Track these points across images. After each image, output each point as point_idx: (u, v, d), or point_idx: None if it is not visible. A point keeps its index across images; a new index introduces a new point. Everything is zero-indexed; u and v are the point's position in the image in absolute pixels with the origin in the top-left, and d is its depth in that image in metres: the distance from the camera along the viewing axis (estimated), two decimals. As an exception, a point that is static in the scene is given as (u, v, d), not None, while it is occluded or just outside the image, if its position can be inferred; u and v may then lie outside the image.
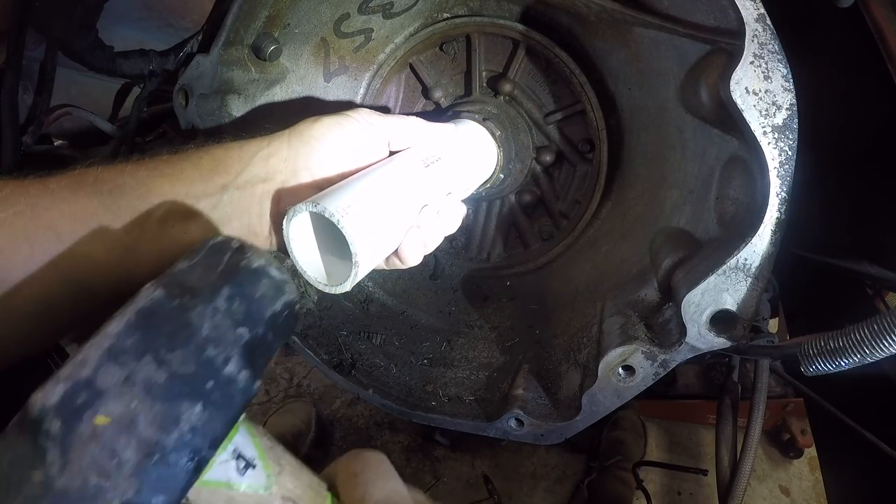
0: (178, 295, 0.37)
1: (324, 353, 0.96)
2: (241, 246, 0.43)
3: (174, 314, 0.36)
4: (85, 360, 0.33)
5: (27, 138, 1.01)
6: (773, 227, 0.55)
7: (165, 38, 1.11)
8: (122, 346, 0.34)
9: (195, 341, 0.36)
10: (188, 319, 0.36)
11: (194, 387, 0.35)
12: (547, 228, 1.10)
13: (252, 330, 0.39)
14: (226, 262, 0.41)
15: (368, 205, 0.56)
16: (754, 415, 0.89)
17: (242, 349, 0.38)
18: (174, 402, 0.33)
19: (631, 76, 0.88)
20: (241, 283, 0.40)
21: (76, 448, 0.30)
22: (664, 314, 0.67)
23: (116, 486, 0.31)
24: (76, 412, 0.31)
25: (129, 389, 0.33)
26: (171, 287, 0.37)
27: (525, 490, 1.87)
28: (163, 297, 0.37)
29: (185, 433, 0.33)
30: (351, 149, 0.63)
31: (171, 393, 0.34)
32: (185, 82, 0.82)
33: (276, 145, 0.60)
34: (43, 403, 0.31)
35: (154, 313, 0.36)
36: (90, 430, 0.31)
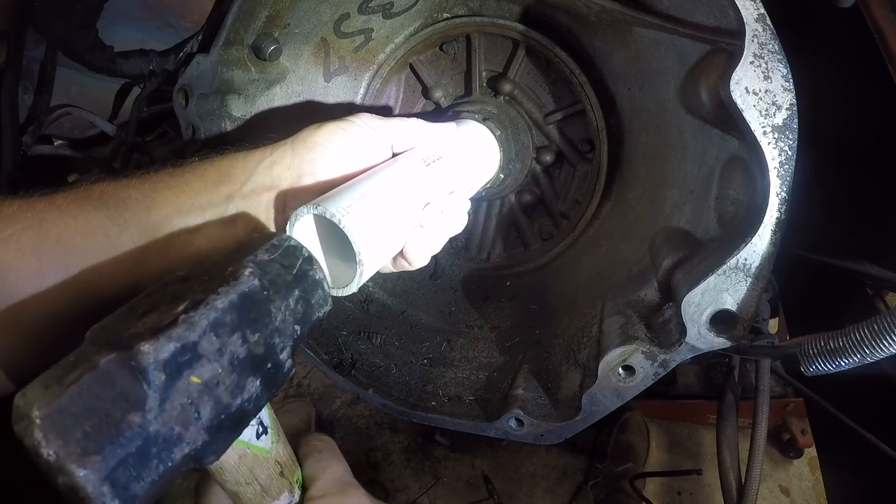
0: (266, 287, 0.43)
1: (324, 353, 0.96)
2: (310, 256, 0.49)
3: (262, 303, 0.43)
4: (194, 325, 0.38)
5: (27, 138, 1.01)
6: (773, 227, 0.55)
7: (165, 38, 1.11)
8: (223, 321, 0.39)
9: (269, 328, 0.43)
10: (269, 309, 0.43)
11: (260, 365, 0.42)
12: (547, 228, 1.10)
13: (303, 328, 0.47)
14: (298, 267, 0.48)
15: (369, 204, 0.56)
16: (759, 419, 0.89)
17: (294, 342, 0.45)
18: (245, 375, 0.40)
19: (631, 76, 0.88)
20: (306, 290, 0.47)
21: (171, 400, 0.35)
22: (664, 314, 0.67)
23: (192, 436, 0.37)
24: (178, 370, 0.36)
25: (219, 358, 0.38)
26: (262, 277, 0.44)
27: (525, 490, 1.87)
28: (257, 287, 0.43)
29: (245, 401, 0.40)
30: (354, 153, 0.63)
31: (245, 367, 0.40)
32: (185, 82, 0.82)
33: (280, 153, 0.61)
34: (155, 356, 0.35)
35: (249, 298, 0.42)
36: (185, 387, 0.36)
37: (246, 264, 0.44)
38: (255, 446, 0.48)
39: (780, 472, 1.88)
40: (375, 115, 0.68)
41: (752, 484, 0.88)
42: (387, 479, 1.89)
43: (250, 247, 0.46)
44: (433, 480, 1.87)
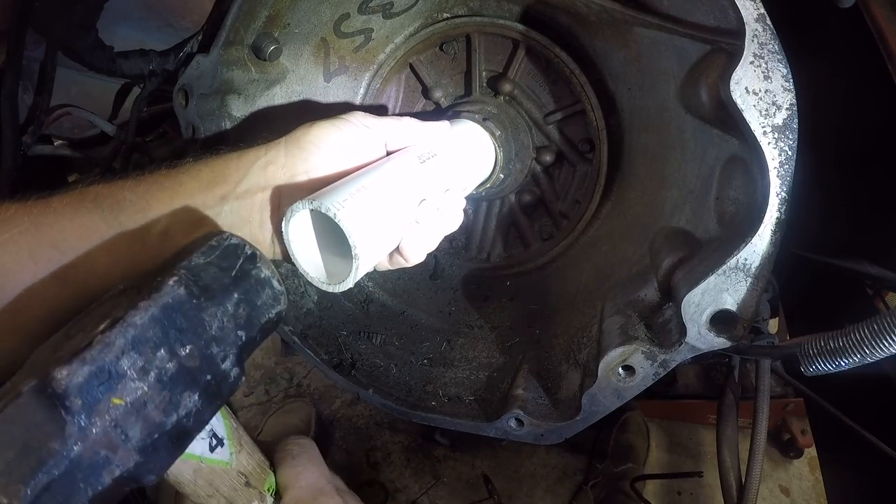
0: (196, 295, 0.41)
1: (324, 353, 0.96)
2: (253, 254, 0.47)
3: (191, 312, 0.40)
4: (110, 345, 0.36)
5: (27, 138, 1.01)
6: (773, 227, 0.55)
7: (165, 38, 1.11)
8: (144, 337, 0.37)
9: (204, 338, 0.40)
10: (201, 318, 0.40)
11: (196, 379, 0.39)
12: (547, 228, 1.10)
13: (248, 333, 0.44)
14: (238, 268, 0.45)
15: (364, 198, 0.56)
16: (759, 419, 0.89)
17: (238, 349, 0.43)
18: (178, 391, 0.38)
19: (631, 76, 0.88)
20: (248, 291, 0.44)
21: (92, 425, 0.34)
22: (664, 314, 0.67)
23: (121, 458, 0.35)
24: (97, 394, 0.35)
25: (143, 376, 0.37)
26: (191, 286, 0.41)
27: (525, 490, 1.87)
28: (184, 296, 0.40)
29: (181, 417, 0.38)
30: (347, 151, 0.63)
31: (177, 383, 0.38)
32: (185, 82, 0.82)
33: (274, 153, 0.61)
34: (68, 382, 0.34)
35: (174, 309, 0.39)
36: (106, 410, 0.35)
37: (174, 272, 0.41)
38: (209, 459, 0.47)
39: (780, 472, 1.88)
40: (369, 114, 0.68)
41: (752, 484, 0.88)
42: (387, 479, 1.89)
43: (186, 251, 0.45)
44: (433, 480, 1.87)
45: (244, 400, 2.23)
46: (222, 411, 0.48)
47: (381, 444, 1.99)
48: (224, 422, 0.49)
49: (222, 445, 0.48)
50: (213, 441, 0.47)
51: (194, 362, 0.39)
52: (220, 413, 0.47)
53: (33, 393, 0.34)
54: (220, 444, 0.48)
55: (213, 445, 0.47)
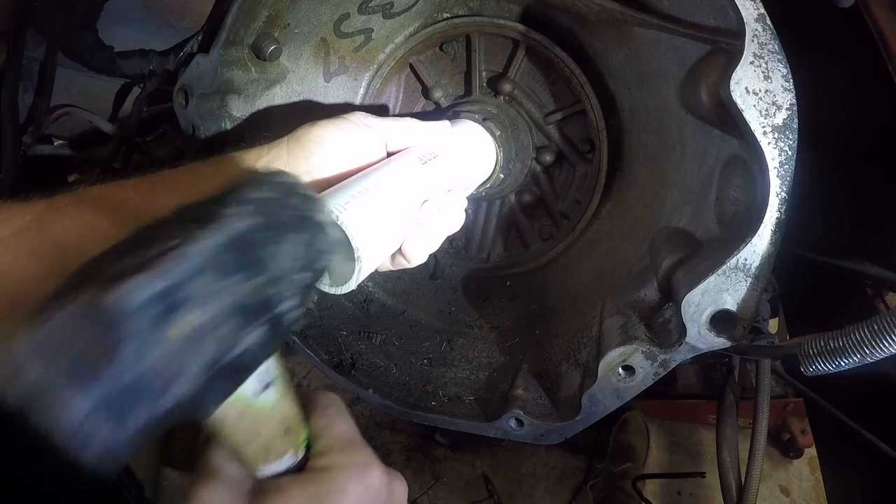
0: (265, 227, 0.39)
1: (324, 353, 0.96)
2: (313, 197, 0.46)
3: (261, 244, 0.38)
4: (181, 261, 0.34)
5: (27, 138, 1.01)
6: (773, 227, 0.55)
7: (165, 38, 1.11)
8: (211, 263, 0.35)
9: (267, 274, 0.38)
10: (270, 252, 0.39)
11: (259, 314, 0.37)
12: (547, 228, 1.10)
13: (307, 278, 0.42)
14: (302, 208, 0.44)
15: (366, 201, 0.56)
16: (759, 419, 0.89)
17: (303, 290, 0.41)
18: (241, 325, 0.36)
19: (631, 76, 0.88)
20: (312, 233, 0.43)
21: (149, 351, 0.32)
22: (664, 314, 0.67)
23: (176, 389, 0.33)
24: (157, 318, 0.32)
25: (211, 302, 0.34)
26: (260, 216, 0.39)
27: (525, 490, 1.87)
28: (255, 225, 0.39)
29: (240, 353, 0.36)
30: (348, 151, 0.64)
31: (241, 315, 0.36)
32: (185, 82, 0.82)
33: (276, 152, 0.61)
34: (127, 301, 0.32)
35: (241, 239, 0.37)
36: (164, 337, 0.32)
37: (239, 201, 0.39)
38: (256, 402, 0.45)
39: (780, 472, 1.88)
40: (370, 114, 0.68)
41: (752, 484, 0.88)
42: (387, 479, 1.89)
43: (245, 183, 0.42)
44: (433, 480, 1.87)
45: (244, 400, 2.23)
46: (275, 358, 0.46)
47: (381, 444, 1.99)
48: (276, 367, 0.46)
49: (269, 390, 0.46)
50: (263, 384, 0.45)
51: (259, 297, 0.37)
52: (272, 358, 0.45)
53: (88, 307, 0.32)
54: (268, 388, 0.46)
55: (261, 389, 0.45)
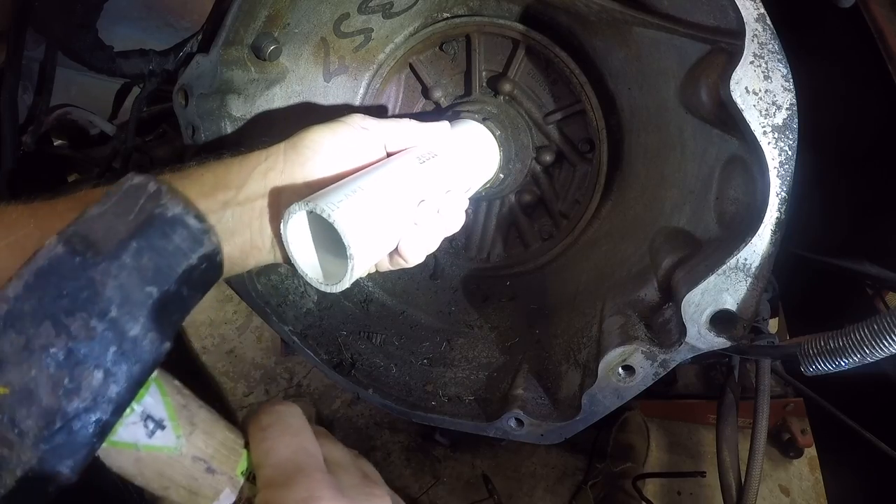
0: (80, 251, 0.34)
1: (324, 353, 0.96)
2: (157, 190, 0.39)
3: (75, 273, 0.34)
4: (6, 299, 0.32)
5: (27, 138, 1.01)
6: (773, 227, 0.55)
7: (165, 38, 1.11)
8: (20, 311, 0.32)
9: (98, 303, 0.34)
10: (91, 278, 0.34)
11: (96, 353, 0.33)
12: (547, 228, 1.10)
13: (162, 288, 0.37)
14: (138, 210, 0.37)
15: (360, 199, 0.56)
16: (759, 419, 0.89)
17: (151, 309, 0.36)
18: (75, 370, 0.32)
19: (631, 76, 0.88)
20: (153, 236, 0.37)
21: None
22: (664, 314, 0.67)
23: (19, 455, 0.30)
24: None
25: (28, 357, 0.31)
26: (73, 241, 0.34)
27: (525, 490, 1.87)
28: (63, 254, 0.34)
29: (86, 400, 0.33)
30: (346, 154, 0.64)
31: (71, 360, 0.32)
32: (185, 82, 0.82)
33: (273, 159, 0.61)
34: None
35: (53, 272, 0.33)
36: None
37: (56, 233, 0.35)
38: (149, 447, 0.40)
39: (780, 472, 1.88)
40: (368, 116, 0.68)
41: (752, 484, 0.88)
42: (387, 479, 1.89)
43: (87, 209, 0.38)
44: (433, 480, 1.87)
45: (244, 400, 2.23)
46: (161, 386, 0.40)
47: (381, 444, 2.00)
48: (163, 400, 0.41)
49: (163, 428, 0.40)
50: (151, 424, 0.40)
51: (90, 333, 0.33)
52: (157, 390, 0.40)
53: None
54: (159, 428, 0.40)
55: (151, 430, 0.40)
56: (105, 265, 0.34)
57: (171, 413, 0.41)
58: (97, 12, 0.86)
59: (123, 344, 0.34)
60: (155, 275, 0.36)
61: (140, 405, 0.39)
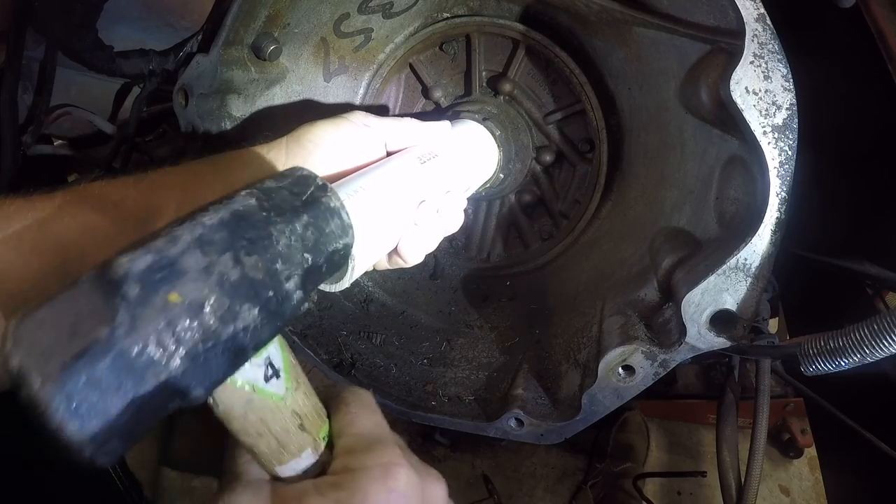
0: (267, 209, 0.40)
1: (324, 353, 0.96)
2: (324, 184, 0.46)
3: (260, 223, 0.39)
4: (176, 239, 0.35)
5: (27, 138, 1.01)
6: (773, 227, 0.55)
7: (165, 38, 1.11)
8: (211, 238, 0.36)
9: (270, 252, 0.38)
10: (269, 232, 0.39)
11: (258, 292, 0.37)
12: (547, 228, 1.10)
13: (315, 258, 0.42)
14: (309, 193, 0.44)
15: (361, 199, 0.56)
16: (759, 419, 0.89)
17: (304, 272, 0.40)
18: (238, 301, 0.36)
19: (631, 76, 0.88)
20: (318, 216, 0.43)
21: (145, 317, 0.32)
22: (664, 314, 0.67)
23: (170, 361, 0.32)
24: (155, 284, 0.33)
25: (205, 277, 0.34)
26: (262, 199, 0.40)
27: (525, 490, 1.87)
28: (254, 206, 0.39)
29: (238, 331, 0.36)
30: (347, 151, 0.64)
31: (238, 291, 0.36)
32: (185, 82, 0.82)
33: (275, 153, 0.61)
34: (128, 268, 0.32)
35: (244, 217, 0.38)
36: (162, 304, 0.32)
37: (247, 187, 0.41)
38: (263, 391, 0.43)
39: (780, 472, 1.88)
40: (370, 114, 0.68)
41: (751, 484, 0.88)
42: (387, 478, 1.89)
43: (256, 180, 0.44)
44: (434, 480, 1.87)
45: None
46: (281, 342, 0.44)
47: (381, 444, 1.99)
48: (282, 353, 0.44)
49: (278, 377, 0.44)
50: (269, 370, 0.43)
51: (258, 274, 0.37)
52: (278, 342, 0.44)
53: (91, 279, 0.32)
54: (275, 376, 0.43)
55: (268, 375, 0.43)
56: (281, 226, 0.40)
57: (287, 366, 0.45)
58: (97, 12, 0.86)
59: (279, 292, 0.38)
60: (313, 246, 0.42)
61: (267, 351, 0.43)
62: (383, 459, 0.47)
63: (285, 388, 0.44)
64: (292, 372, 0.45)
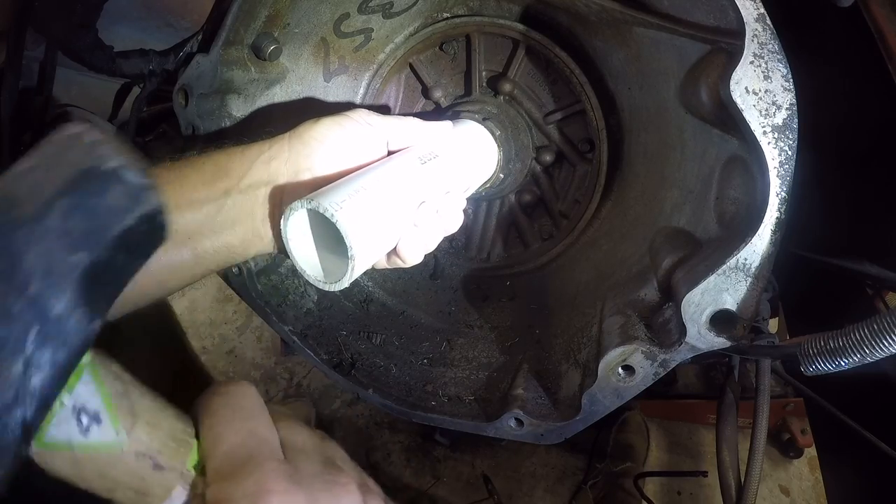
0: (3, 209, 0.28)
1: (324, 353, 0.96)
2: (94, 141, 0.33)
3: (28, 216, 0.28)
4: None
5: (27, 138, 1.01)
6: (773, 227, 0.55)
7: (165, 38, 1.11)
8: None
9: (17, 276, 0.28)
10: (8, 245, 0.28)
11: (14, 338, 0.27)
12: (547, 228, 1.10)
13: (93, 253, 0.31)
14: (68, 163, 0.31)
15: (363, 200, 0.56)
16: (759, 419, 0.89)
17: (79, 280, 0.30)
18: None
19: (631, 76, 0.88)
20: (85, 193, 0.31)
21: None
22: (664, 314, 0.67)
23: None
24: None
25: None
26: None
27: (525, 490, 1.87)
28: None
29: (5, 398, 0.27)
30: (350, 149, 0.64)
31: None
32: (185, 82, 0.82)
33: (278, 148, 0.61)
34: None
35: None
36: None
37: None
38: (86, 445, 0.34)
39: (780, 472, 1.88)
40: (372, 112, 0.68)
41: (751, 484, 0.88)
42: (387, 479, 1.89)
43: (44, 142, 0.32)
44: (433, 480, 1.87)
45: (244, 400, 2.22)
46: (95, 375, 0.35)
47: (381, 444, 1.99)
48: (99, 389, 0.35)
49: (99, 423, 0.35)
50: (85, 419, 0.34)
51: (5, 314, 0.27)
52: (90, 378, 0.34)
53: None
54: (95, 422, 0.35)
55: (85, 426, 0.34)
56: (27, 229, 0.28)
57: (108, 403, 0.36)
58: (97, 12, 0.86)
59: (46, 325, 0.28)
60: (85, 238, 0.31)
61: (71, 397, 0.34)
62: (251, 488, 0.39)
63: (114, 431, 0.36)
64: (120, 406, 0.37)
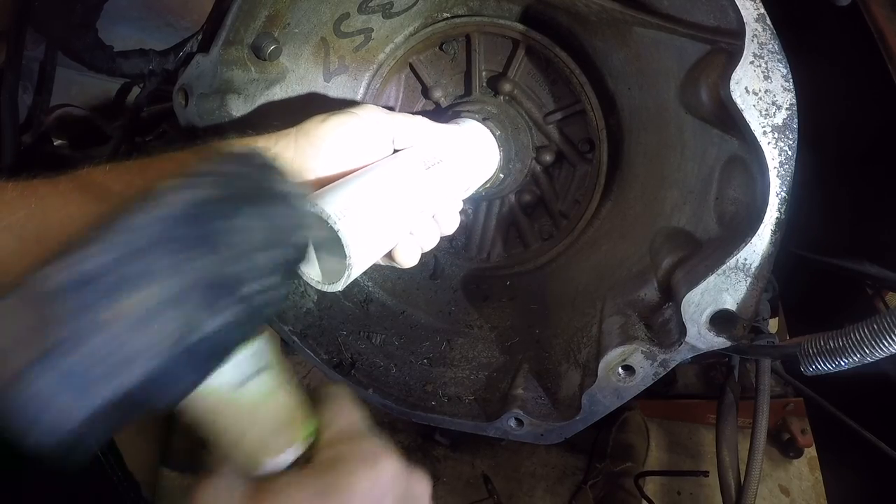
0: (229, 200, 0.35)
1: (324, 352, 0.96)
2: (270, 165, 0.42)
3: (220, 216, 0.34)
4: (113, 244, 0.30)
5: (27, 138, 1.01)
6: (772, 227, 0.55)
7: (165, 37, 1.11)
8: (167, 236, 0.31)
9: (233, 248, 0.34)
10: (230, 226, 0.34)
11: (225, 292, 0.33)
12: (547, 228, 1.10)
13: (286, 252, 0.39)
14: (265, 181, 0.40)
15: (365, 207, 0.56)
16: (759, 418, 0.89)
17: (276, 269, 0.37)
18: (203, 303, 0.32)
19: (631, 76, 0.88)
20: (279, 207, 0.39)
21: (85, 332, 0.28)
22: (664, 314, 0.67)
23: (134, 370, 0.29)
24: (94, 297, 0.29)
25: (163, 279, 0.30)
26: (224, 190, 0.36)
27: (525, 490, 1.87)
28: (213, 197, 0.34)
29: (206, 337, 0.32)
30: (356, 146, 0.63)
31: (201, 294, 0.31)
32: (185, 82, 0.82)
33: (283, 145, 0.60)
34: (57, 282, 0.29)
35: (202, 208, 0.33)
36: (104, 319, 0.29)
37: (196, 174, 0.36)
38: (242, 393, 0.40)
39: (780, 472, 1.88)
40: (380, 109, 0.67)
41: (751, 484, 0.88)
42: (387, 478, 1.89)
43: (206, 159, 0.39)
44: (433, 480, 1.87)
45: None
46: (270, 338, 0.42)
47: (381, 444, 1.99)
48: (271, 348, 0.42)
49: (258, 378, 0.41)
50: (251, 369, 0.40)
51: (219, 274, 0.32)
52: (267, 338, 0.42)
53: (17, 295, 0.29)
54: (256, 377, 0.41)
55: (248, 375, 0.40)
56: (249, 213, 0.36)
57: (271, 364, 0.43)
58: (97, 12, 0.86)
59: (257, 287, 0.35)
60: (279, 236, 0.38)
61: (250, 349, 0.40)
62: (368, 450, 0.47)
63: (266, 388, 0.42)
64: (275, 372, 0.43)
